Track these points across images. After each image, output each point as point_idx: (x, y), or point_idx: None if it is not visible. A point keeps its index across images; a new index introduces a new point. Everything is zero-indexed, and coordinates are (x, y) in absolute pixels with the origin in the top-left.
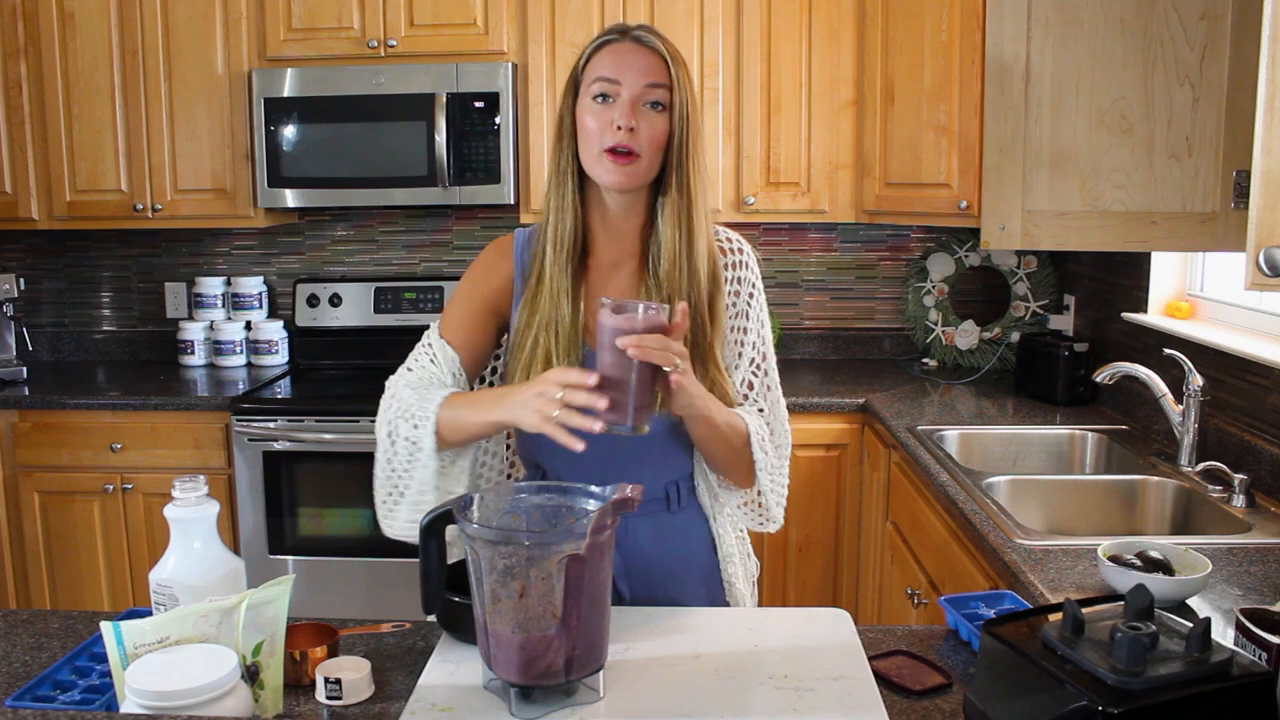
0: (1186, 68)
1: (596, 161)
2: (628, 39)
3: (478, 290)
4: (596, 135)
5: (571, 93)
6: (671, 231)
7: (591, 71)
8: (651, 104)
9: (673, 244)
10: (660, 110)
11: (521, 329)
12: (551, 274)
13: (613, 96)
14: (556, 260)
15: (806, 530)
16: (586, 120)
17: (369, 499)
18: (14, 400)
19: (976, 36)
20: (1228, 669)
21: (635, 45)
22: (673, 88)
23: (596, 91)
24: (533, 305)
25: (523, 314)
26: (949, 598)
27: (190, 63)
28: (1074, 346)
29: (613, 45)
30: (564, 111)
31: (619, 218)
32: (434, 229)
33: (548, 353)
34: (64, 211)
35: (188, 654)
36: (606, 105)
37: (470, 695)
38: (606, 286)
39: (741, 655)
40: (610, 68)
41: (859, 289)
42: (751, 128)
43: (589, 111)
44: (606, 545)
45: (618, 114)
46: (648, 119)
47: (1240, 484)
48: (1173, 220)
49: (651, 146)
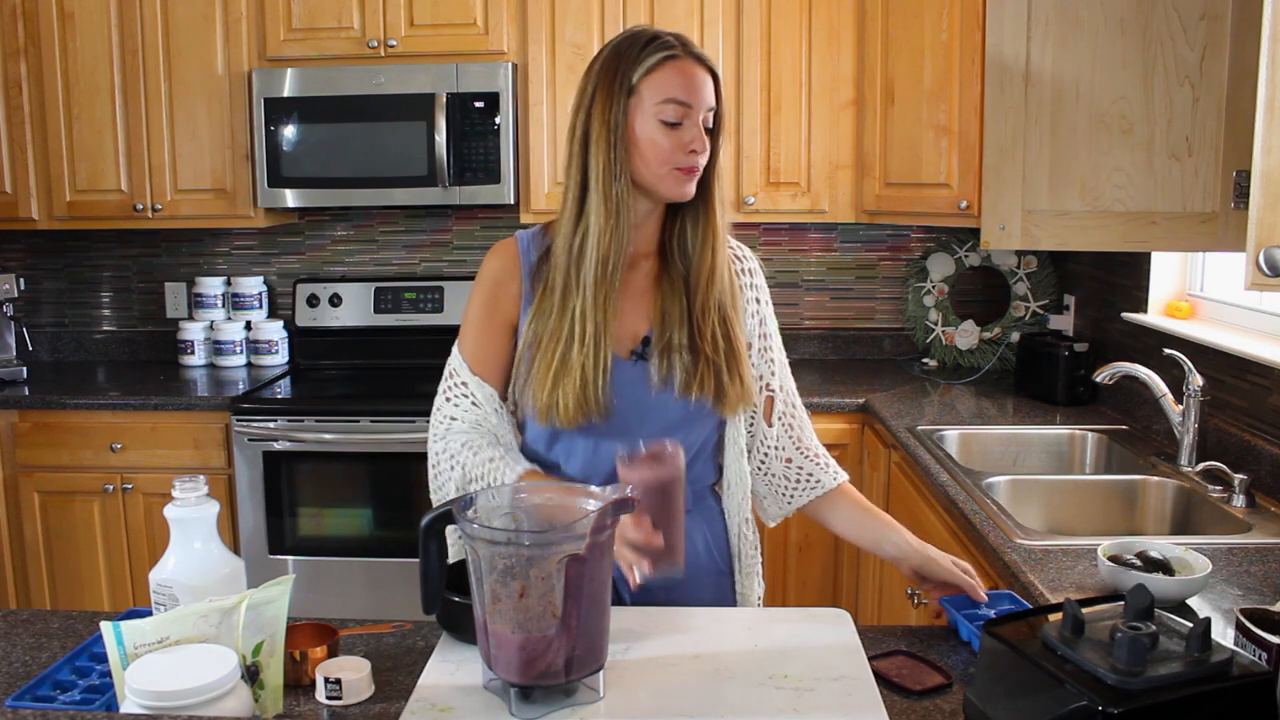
0: (1186, 68)
1: (666, 177)
2: (690, 57)
3: (493, 310)
4: (669, 155)
5: (622, 100)
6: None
7: (659, 88)
8: (706, 127)
9: (700, 252)
10: (710, 132)
11: (545, 340)
12: (594, 286)
13: (685, 120)
14: (604, 274)
15: (806, 530)
16: (657, 139)
17: (369, 499)
18: (14, 400)
19: (976, 36)
20: (1228, 669)
21: (698, 65)
22: (720, 110)
23: (669, 115)
24: (559, 317)
25: (544, 323)
26: (948, 598)
27: (190, 63)
28: (1074, 346)
29: (677, 63)
30: (615, 117)
31: (641, 221)
32: (434, 229)
33: (584, 369)
34: (64, 211)
35: (188, 654)
36: (677, 130)
37: (470, 695)
38: (624, 288)
39: (741, 655)
40: (683, 90)
41: (859, 289)
42: (751, 128)
43: (660, 132)
44: (606, 545)
45: (694, 139)
46: (707, 139)
47: (1240, 484)
48: (1173, 220)
49: (706, 160)
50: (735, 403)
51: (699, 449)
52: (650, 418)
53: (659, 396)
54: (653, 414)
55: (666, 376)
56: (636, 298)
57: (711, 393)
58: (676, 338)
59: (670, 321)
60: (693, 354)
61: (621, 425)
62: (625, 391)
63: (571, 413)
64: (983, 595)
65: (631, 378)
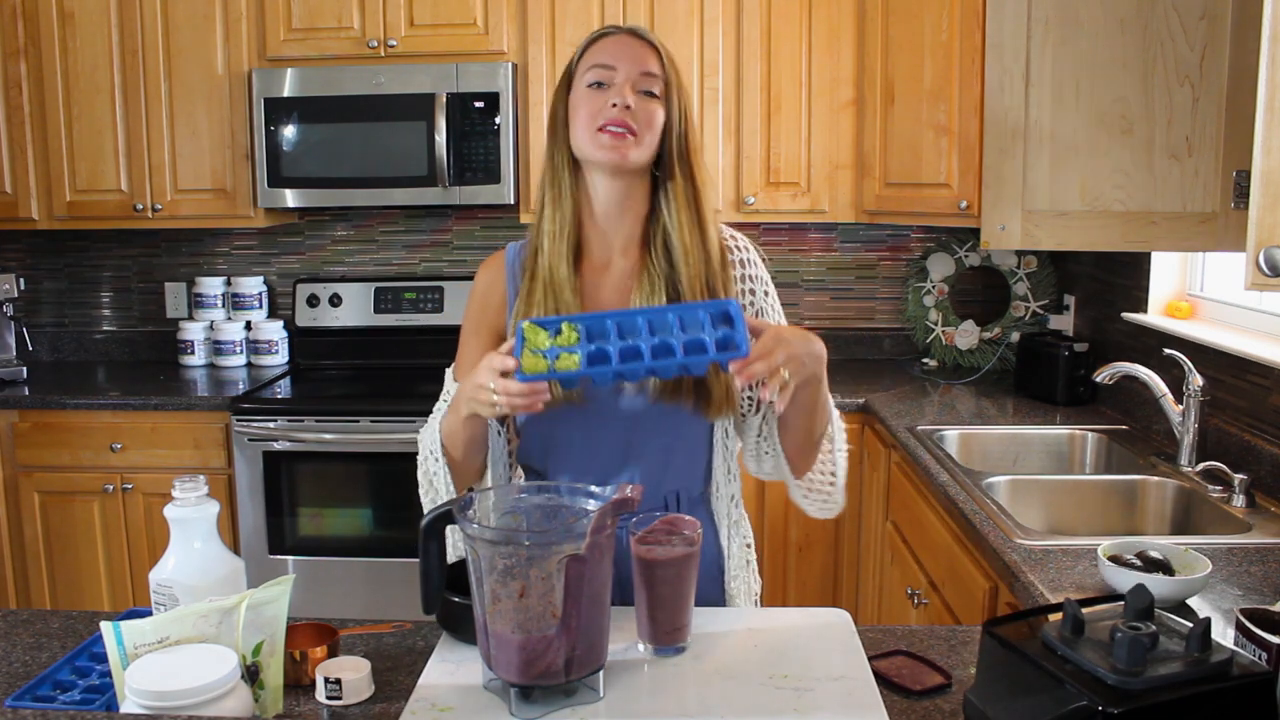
0: (1186, 68)
1: (591, 140)
2: (623, 32)
3: (480, 321)
4: (592, 115)
5: (565, 86)
6: (683, 218)
7: (585, 62)
8: (645, 91)
9: (683, 232)
10: (654, 98)
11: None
12: (551, 264)
13: (608, 83)
14: (555, 249)
15: (806, 530)
16: (577, 106)
17: (369, 499)
18: (14, 400)
19: (976, 36)
20: (1228, 669)
21: (631, 36)
22: (667, 81)
23: (591, 79)
24: (528, 301)
25: (518, 310)
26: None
27: (190, 63)
28: (1074, 346)
29: (607, 39)
30: (557, 103)
31: (612, 213)
32: (434, 229)
33: None
34: (64, 211)
35: (188, 654)
36: (602, 90)
37: (470, 695)
38: (599, 289)
39: (741, 655)
40: (606, 55)
41: (859, 289)
42: (751, 128)
43: (583, 97)
44: (606, 545)
45: (613, 94)
46: (643, 101)
47: (1240, 484)
48: (1172, 220)
49: (647, 126)
50: (719, 406)
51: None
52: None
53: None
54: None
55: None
56: (622, 292)
57: (691, 397)
58: None
59: None
60: None
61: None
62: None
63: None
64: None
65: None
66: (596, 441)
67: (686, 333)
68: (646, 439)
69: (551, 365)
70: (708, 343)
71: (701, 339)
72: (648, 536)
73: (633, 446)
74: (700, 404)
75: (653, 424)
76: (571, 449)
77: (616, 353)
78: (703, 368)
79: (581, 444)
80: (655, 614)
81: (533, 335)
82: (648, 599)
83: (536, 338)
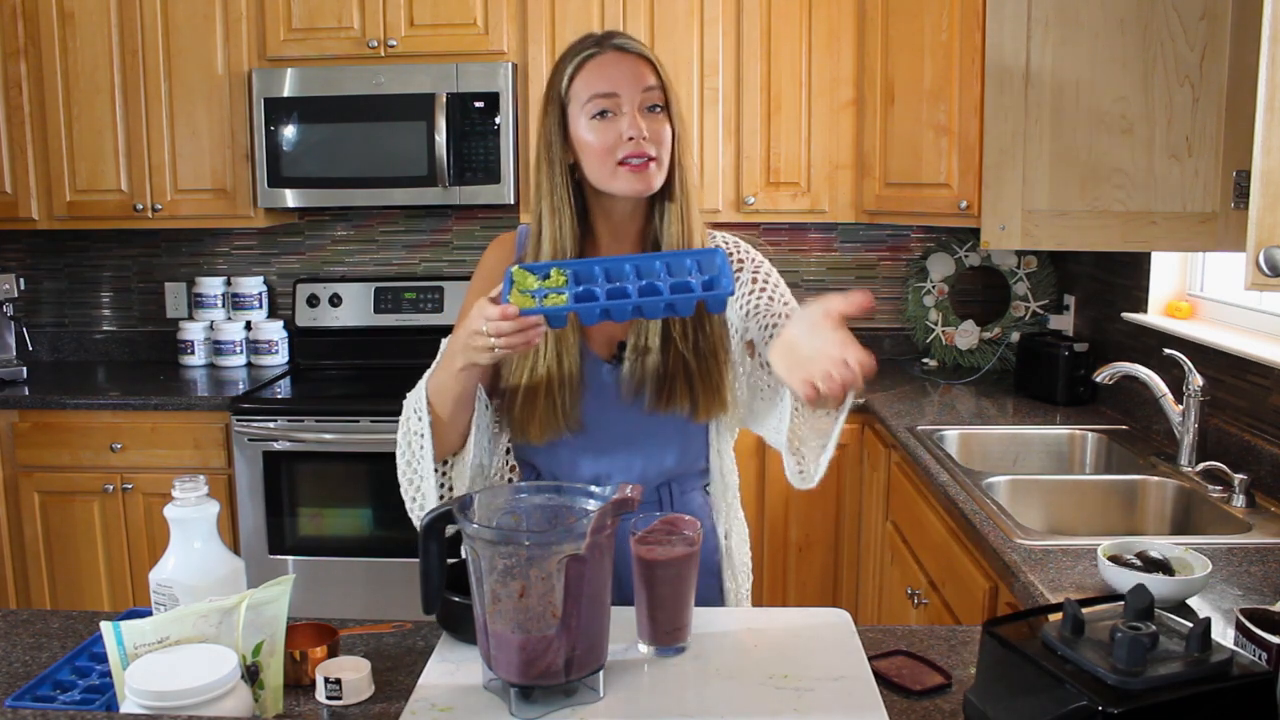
0: (1186, 68)
1: (613, 176)
2: (609, 49)
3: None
4: (606, 150)
5: (556, 114)
6: (676, 228)
7: (581, 90)
8: (650, 108)
9: (677, 241)
10: (659, 112)
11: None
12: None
13: (614, 111)
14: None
15: (806, 530)
16: (588, 140)
17: (369, 499)
18: (14, 400)
19: (976, 36)
20: (1228, 669)
21: (619, 54)
22: (664, 86)
23: (595, 110)
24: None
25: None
26: None
27: (190, 63)
28: (1074, 346)
29: (594, 60)
30: (550, 134)
31: (625, 221)
32: (434, 229)
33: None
34: (64, 211)
35: (188, 654)
36: (608, 120)
37: (470, 695)
38: None
39: (741, 655)
40: (602, 82)
41: (859, 289)
42: (751, 128)
43: (590, 131)
44: (606, 545)
45: (626, 126)
46: (651, 121)
47: (1240, 484)
48: (1172, 220)
49: (662, 145)
50: (708, 410)
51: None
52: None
53: (630, 409)
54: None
55: (638, 385)
56: None
57: (687, 403)
58: (649, 339)
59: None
60: (664, 355)
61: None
62: (596, 401)
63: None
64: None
65: (606, 384)
66: (593, 438)
67: (673, 277)
68: (643, 435)
69: (540, 304)
70: (694, 284)
71: (688, 281)
72: (648, 536)
73: (629, 442)
74: (694, 409)
75: (649, 419)
76: (568, 446)
77: (604, 294)
78: (690, 307)
79: (579, 441)
80: (655, 614)
81: (521, 278)
82: (648, 599)
83: (525, 280)
